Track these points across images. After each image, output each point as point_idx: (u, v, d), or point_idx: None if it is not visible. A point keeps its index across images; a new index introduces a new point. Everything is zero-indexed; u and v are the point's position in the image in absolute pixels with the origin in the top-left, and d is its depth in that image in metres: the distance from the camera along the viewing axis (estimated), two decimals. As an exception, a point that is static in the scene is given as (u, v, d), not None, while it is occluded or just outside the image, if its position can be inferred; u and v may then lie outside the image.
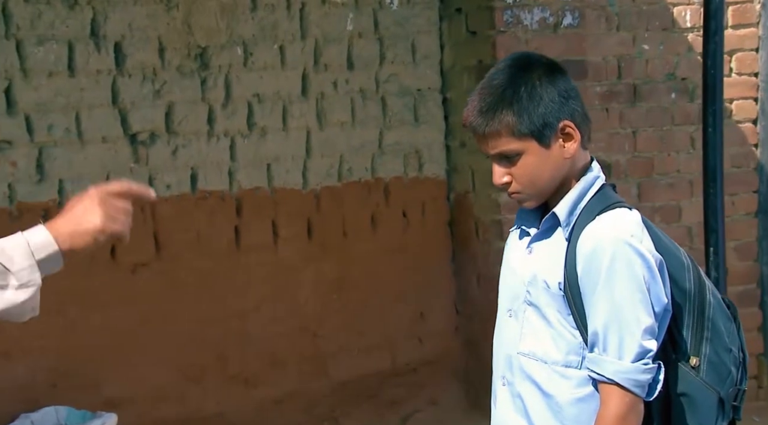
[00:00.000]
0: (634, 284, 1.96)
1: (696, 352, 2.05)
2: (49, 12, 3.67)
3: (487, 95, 2.03)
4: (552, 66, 2.08)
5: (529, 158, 2.02)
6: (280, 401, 4.23)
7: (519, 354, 2.11)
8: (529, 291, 2.09)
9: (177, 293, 3.95)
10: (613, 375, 1.96)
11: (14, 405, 3.62)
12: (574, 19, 4.84)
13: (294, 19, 4.23)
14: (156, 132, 3.91)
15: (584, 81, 4.86)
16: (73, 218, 1.80)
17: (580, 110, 2.06)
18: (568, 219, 2.05)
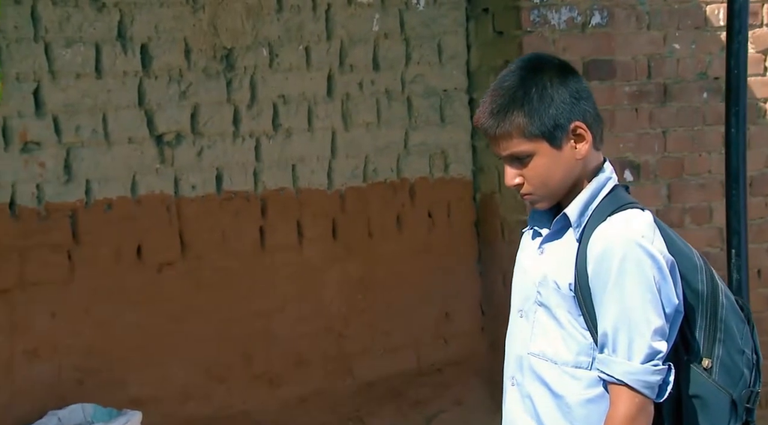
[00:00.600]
0: (645, 285, 1.96)
1: (708, 354, 2.05)
2: (77, 15, 3.72)
3: (498, 97, 2.05)
4: (564, 67, 2.09)
5: (541, 160, 2.03)
6: (304, 400, 4.26)
7: (529, 354, 2.12)
8: (539, 292, 2.10)
9: (202, 293, 3.99)
10: (622, 376, 1.96)
11: (42, 402, 3.68)
12: (603, 19, 4.82)
13: (319, 20, 4.25)
14: (182, 133, 3.95)
15: (613, 81, 4.84)
16: None
17: (591, 110, 2.07)
18: (579, 220, 2.06)
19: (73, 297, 3.73)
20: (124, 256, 3.83)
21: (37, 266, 3.66)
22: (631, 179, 4.91)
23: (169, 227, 3.91)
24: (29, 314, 3.67)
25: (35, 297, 3.67)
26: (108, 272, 3.79)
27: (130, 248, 3.85)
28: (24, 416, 3.65)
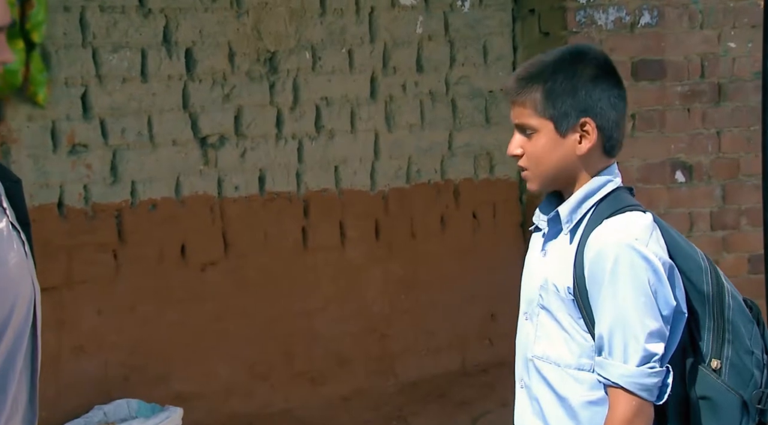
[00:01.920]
0: (638, 288, 1.95)
1: (717, 355, 2.03)
2: (124, 21, 3.82)
3: (531, 67, 2.06)
4: (605, 68, 2.07)
5: (542, 139, 2.03)
6: (347, 399, 4.30)
7: (533, 357, 2.12)
8: (541, 295, 2.10)
9: (245, 292, 4.06)
10: (618, 379, 1.96)
11: (89, 397, 3.78)
12: (653, 18, 4.77)
13: (363, 23, 4.29)
14: (225, 135, 4.03)
15: (663, 81, 4.79)
16: None
17: (612, 116, 2.04)
18: (569, 217, 2.05)
19: (118, 295, 3.83)
20: (168, 255, 3.92)
21: (83, 265, 3.77)
22: (682, 180, 4.85)
23: (212, 227, 3.99)
24: (76, 312, 3.77)
25: (82, 295, 3.78)
26: (152, 270, 3.88)
27: (174, 247, 3.94)
28: (71, 410, 3.75)
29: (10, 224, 2.09)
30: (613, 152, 2.08)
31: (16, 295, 2.08)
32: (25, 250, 2.13)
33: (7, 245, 2.07)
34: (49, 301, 3.69)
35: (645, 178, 4.77)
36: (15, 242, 2.08)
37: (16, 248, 2.08)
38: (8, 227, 2.08)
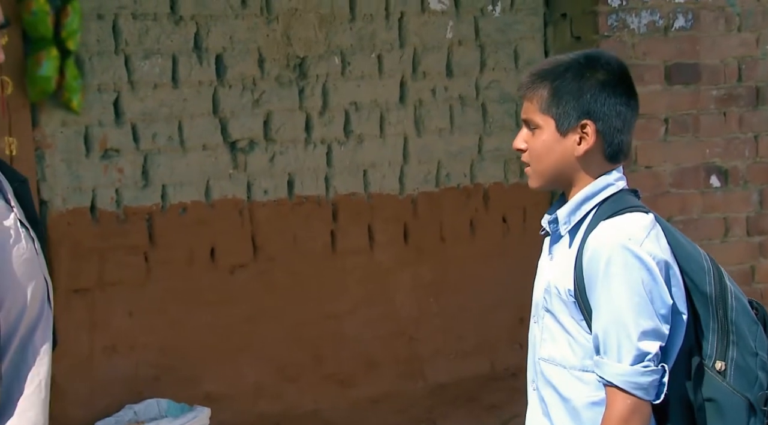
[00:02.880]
0: (632, 288, 1.97)
1: (722, 356, 2.04)
2: (156, 28, 3.90)
3: (545, 64, 2.11)
4: (616, 75, 2.09)
5: (543, 136, 2.07)
6: (375, 401, 4.34)
7: (540, 359, 2.15)
8: (545, 298, 2.13)
9: (274, 294, 4.12)
10: (612, 378, 1.98)
11: (120, 396, 3.86)
12: (687, 21, 4.75)
13: (392, 28, 4.33)
14: (254, 140, 4.09)
15: (698, 85, 4.76)
16: None
17: (616, 124, 2.06)
18: (566, 218, 2.09)
19: (149, 297, 3.91)
20: (198, 258, 3.99)
21: (115, 267, 3.85)
22: (718, 184, 4.82)
23: (241, 230, 4.05)
24: (108, 313, 3.85)
25: (114, 296, 3.86)
26: (182, 273, 3.95)
27: (204, 250, 4.01)
28: (103, 409, 3.84)
29: (19, 222, 2.16)
30: (615, 157, 2.10)
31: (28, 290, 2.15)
32: (35, 247, 2.20)
33: (15, 242, 2.14)
34: (81, 302, 3.80)
35: (678, 183, 4.75)
36: (24, 239, 2.16)
37: (25, 245, 2.15)
38: (16, 224, 2.15)
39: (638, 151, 4.66)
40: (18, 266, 2.13)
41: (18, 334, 2.14)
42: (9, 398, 2.11)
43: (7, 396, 2.10)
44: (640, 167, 4.67)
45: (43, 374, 2.21)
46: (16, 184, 2.30)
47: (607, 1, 4.59)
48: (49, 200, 3.75)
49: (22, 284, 2.14)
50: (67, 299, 3.77)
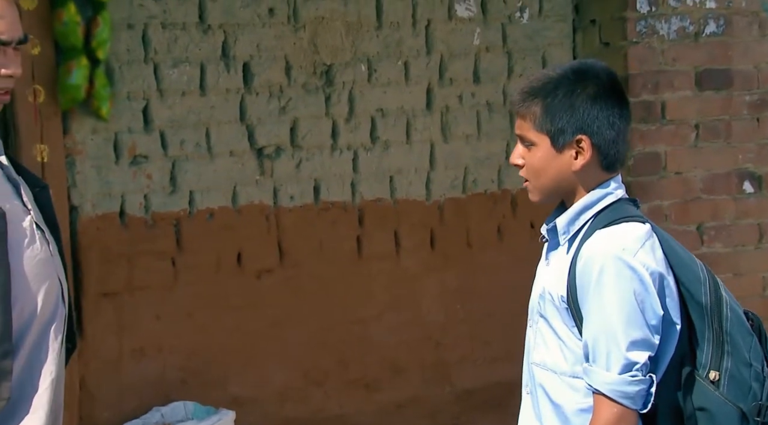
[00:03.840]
0: (623, 298, 1.99)
1: (716, 366, 2.05)
2: (184, 37, 3.97)
3: (535, 80, 2.14)
4: (607, 86, 2.12)
5: (539, 152, 2.11)
6: (401, 406, 4.36)
7: (533, 363, 2.19)
8: (539, 303, 2.17)
9: (300, 299, 4.16)
10: (600, 386, 2.01)
11: (148, 399, 3.92)
12: (719, 27, 4.72)
13: (419, 35, 4.36)
14: (281, 146, 4.14)
15: (730, 90, 4.73)
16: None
17: (610, 136, 2.09)
18: (565, 228, 2.12)
19: (176, 301, 3.97)
20: (225, 263, 4.04)
21: (143, 272, 3.92)
22: (751, 191, 4.78)
23: (267, 236, 4.10)
24: (136, 316, 3.92)
25: (142, 300, 3.93)
26: (209, 278, 4.01)
27: (231, 255, 4.06)
28: (131, 411, 3.91)
29: (35, 224, 2.23)
30: (612, 167, 2.13)
31: (42, 290, 2.22)
32: (50, 249, 2.27)
33: (30, 243, 2.22)
34: (110, 306, 3.88)
35: (709, 189, 4.72)
36: (39, 241, 2.23)
37: (40, 247, 2.23)
38: (32, 226, 2.23)
39: (668, 157, 4.65)
40: (32, 267, 2.21)
41: (31, 332, 2.21)
42: (22, 395, 2.18)
43: (20, 392, 2.17)
44: (669, 173, 4.65)
45: (56, 372, 2.27)
46: (37, 189, 2.38)
47: (636, 8, 4.58)
48: (79, 206, 3.83)
49: (36, 284, 2.21)
50: (97, 302, 3.85)
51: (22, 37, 2.23)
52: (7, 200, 2.20)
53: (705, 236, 4.71)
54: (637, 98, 4.58)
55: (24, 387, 2.19)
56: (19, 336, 2.18)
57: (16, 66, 2.23)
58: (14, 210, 2.20)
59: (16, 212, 2.21)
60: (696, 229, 4.69)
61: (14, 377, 2.13)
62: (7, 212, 2.15)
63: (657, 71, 4.61)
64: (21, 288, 2.17)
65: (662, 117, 4.64)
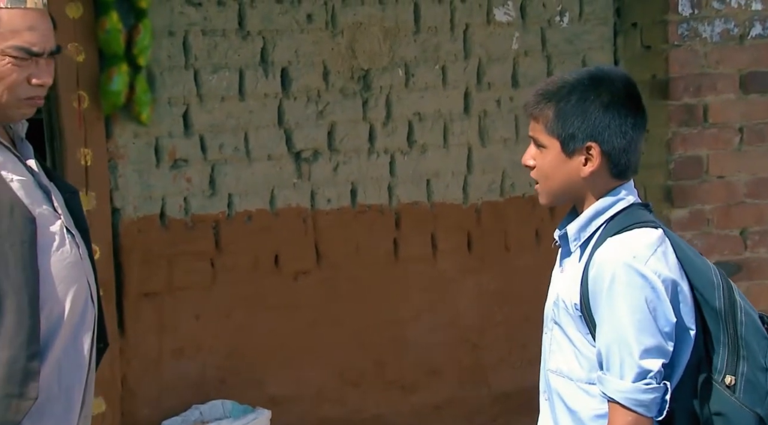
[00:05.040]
0: (635, 305, 1.99)
1: (732, 371, 2.04)
2: (224, 43, 4.06)
3: (551, 83, 2.16)
4: (622, 94, 2.12)
5: (549, 156, 2.13)
6: (438, 407, 4.39)
7: (549, 370, 2.19)
8: (554, 310, 2.18)
9: (337, 301, 4.22)
10: (614, 394, 2.01)
11: (187, 397, 4.01)
12: (765, 29, 4.67)
13: (457, 40, 4.38)
14: (318, 150, 4.20)
15: (777, 94, 4.67)
16: None
17: (621, 144, 2.09)
18: (576, 235, 2.13)
19: (215, 302, 4.06)
20: (263, 264, 4.12)
21: (183, 273, 4.01)
22: (798, 196, 4.71)
23: (304, 238, 4.17)
24: (176, 316, 4.02)
25: (181, 301, 4.02)
26: (247, 279, 4.09)
27: (268, 257, 4.14)
28: (171, 409, 4.00)
29: (64, 228, 2.31)
30: (622, 175, 2.13)
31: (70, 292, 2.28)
32: (80, 252, 2.34)
33: (59, 246, 2.29)
34: (151, 306, 3.97)
35: (754, 193, 4.66)
36: (68, 245, 2.30)
37: (69, 250, 2.29)
38: (62, 230, 2.30)
39: (710, 161, 4.60)
40: (60, 270, 2.27)
41: (60, 333, 2.28)
42: (50, 395, 2.24)
43: (48, 393, 2.23)
44: (712, 177, 4.60)
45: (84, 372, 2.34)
46: (67, 195, 2.46)
47: (678, 10, 4.54)
48: (121, 208, 3.93)
49: (65, 287, 2.28)
50: (138, 303, 3.95)
51: (54, 48, 2.30)
52: (38, 205, 2.26)
53: (749, 241, 4.65)
54: (678, 102, 4.55)
55: (52, 388, 2.24)
56: (48, 337, 2.22)
57: (48, 76, 2.30)
58: (44, 215, 2.26)
59: (46, 217, 2.27)
60: (739, 234, 4.63)
61: (42, 377, 2.18)
62: (37, 217, 2.21)
63: (699, 74, 4.56)
64: (50, 291, 2.23)
65: (704, 120, 4.59)
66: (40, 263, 2.21)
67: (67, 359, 2.29)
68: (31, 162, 2.36)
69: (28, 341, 2.15)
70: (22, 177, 2.27)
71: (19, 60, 2.21)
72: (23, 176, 2.28)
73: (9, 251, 2.16)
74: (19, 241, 2.18)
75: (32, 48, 2.21)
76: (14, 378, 2.13)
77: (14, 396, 2.14)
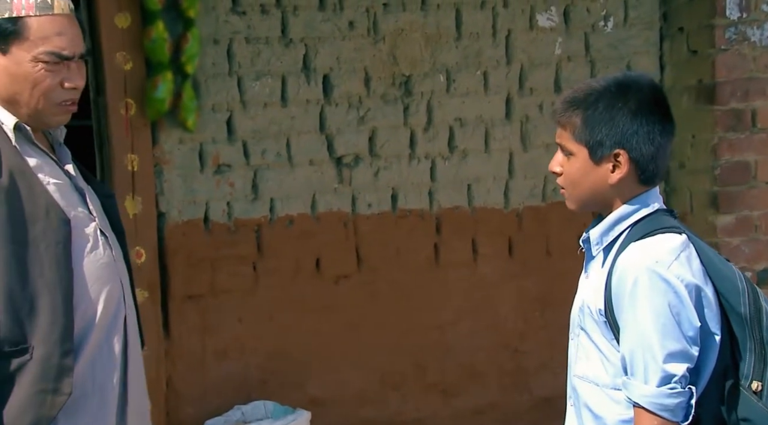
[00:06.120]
0: (658, 310, 2.00)
1: (759, 377, 2.04)
2: (267, 50, 4.13)
3: (579, 91, 2.17)
4: (649, 101, 2.12)
5: (577, 163, 2.14)
6: (479, 411, 4.40)
7: (575, 376, 2.21)
8: (579, 316, 2.19)
9: (377, 304, 4.26)
10: (638, 399, 2.01)
11: (229, 398, 4.09)
12: (816, 32, 4.59)
13: (499, 45, 4.40)
14: (359, 155, 4.25)
15: (833, 100, 4.59)
16: None
17: (649, 151, 2.10)
18: (599, 239, 2.14)
19: (257, 304, 4.13)
20: (304, 268, 4.18)
21: (226, 276, 4.09)
22: None
23: (345, 242, 4.22)
24: (219, 318, 4.10)
25: (224, 303, 4.10)
26: (289, 282, 4.15)
27: (310, 260, 4.20)
28: (214, 409, 4.08)
29: (98, 230, 2.38)
30: (649, 182, 2.13)
31: (104, 293, 2.35)
32: (113, 254, 2.41)
33: (93, 248, 2.36)
34: (195, 308, 4.06)
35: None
36: (102, 246, 2.37)
37: (102, 252, 2.36)
38: (96, 232, 2.37)
39: (758, 166, 4.55)
40: (94, 271, 2.34)
41: (93, 333, 2.34)
42: (84, 392, 2.31)
43: (83, 390, 2.30)
44: (760, 182, 4.55)
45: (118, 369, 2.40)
46: (103, 198, 2.53)
47: (726, 14, 4.50)
48: (166, 212, 4.03)
49: (98, 287, 2.35)
50: (182, 305, 4.04)
51: (83, 51, 2.37)
52: (73, 208, 2.32)
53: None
54: (725, 106, 4.51)
55: (86, 385, 2.30)
56: (82, 335, 2.29)
57: (80, 78, 2.38)
58: (79, 217, 2.32)
59: (81, 219, 2.33)
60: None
61: (76, 374, 2.23)
62: (72, 220, 2.28)
63: (747, 79, 4.51)
64: (83, 291, 2.29)
65: (753, 125, 4.54)
66: (75, 264, 2.27)
67: (100, 357, 2.35)
68: (68, 166, 2.42)
69: (61, 338, 2.22)
70: (58, 180, 2.33)
71: (51, 65, 2.28)
72: (60, 179, 2.34)
73: (44, 252, 2.22)
74: (54, 242, 2.24)
75: (62, 52, 2.28)
76: (48, 374, 2.20)
77: (48, 392, 2.20)
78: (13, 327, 2.18)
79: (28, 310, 2.19)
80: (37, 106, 2.30)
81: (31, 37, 2.25)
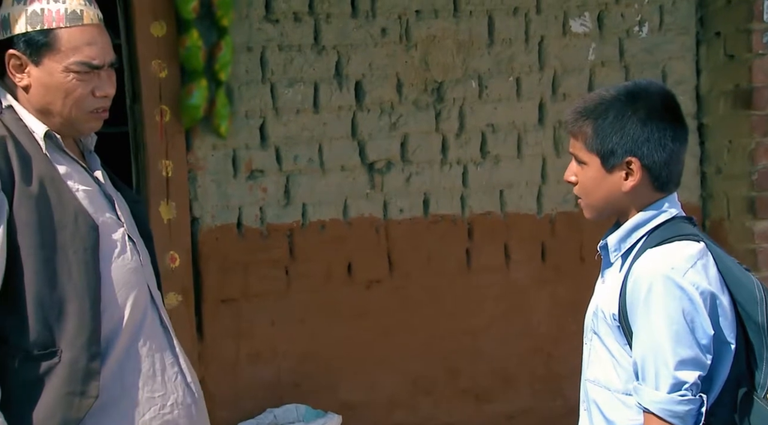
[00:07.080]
0: (671, 317, 2.00)
1: None
2: (299, 58, 4.17)
3: (589, 100, 2.19)
4: (660, 108, 2.14)
5: (590, 172, 2.16)
6: (512, 417, 4.40)
7: (587, 380, 2.22)
8: (593, 320, 2.20)
9: (409, 309, 4.28)
10: (649, 405, 2.02)
11: (262, 401, 4.13)
12: None
13: (532, 51, 4.40)
14: (391, 161, 4.28)
15: None
16: None
17: (662, 158, 2.11)
18: (616, 246, 2.15)
19: (289, 308, 4.17)
20: (336, 272, 4.21)
21: (258, 280, 4.14)
22: None
23: (377, 247, 4.25)
24: (252, 322, 4.14)
25: (257, 307, 4.14)
26: (321, 286, 4.19)
27: (341, 265, 4.23)
28: (247, 412, 4.12)
29: (126, 236, 2.42)
30: (664, 188, 2.14)
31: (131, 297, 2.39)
32: (141, 259, 2.45)
33: (120, 253, 2.40)
34: (228, 312, 4.11)
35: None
36: (130, 251, 2.41)
37: (130, 257, 2.40)
38: (124, 237, 2.41)
39: (791, 171, 4.51)
40: (121, 276, 2.38)
41: (120, 337, 2.38)
42: (112, 395, 2.35)
43: (110, 393, 2.34)
44: (799, 188, 4.50)
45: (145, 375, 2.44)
46: (132, 204, 2.58)
47: (763, 19, 4.46)
48: (200, 217, 4.08)
49: (125, 292, 2.39)
50: (215, 308, 4.09)
51: (113, 59, 2.43)
52: (102, 214, 2.36)
53: (837, 254, 4.53)
54: (762, 112, 4.47)
55: (114, 388, 2.33)
56: (109, 340, 2.33)
57: (111, 87, 2.43)
58: (107, 223, 2.36)
59: (109, 225, 2.37)
60: (827, 246, 4.51)
61: (104, 378, 2.27)
62: (100, 226, 2.32)
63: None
64: (111, 295, 2.33)
65: (790, 131, 4.50)
66: (102, 269, 2.31)
67: (128, 360, 2.39)
68: (97, 173, 2.47)
69: (89, 342, 2.26)
70: (87, 187, 2.38)
71: (82, 74, 2.33)
72: (89, 186, 2.39)
73: (72, 258, 2.27)
74: (82, 248, 2.28)
75: (93, 61, 2.34)
76: (76, 377, 2.24)
77: (76, 395, 2.24)
78: (42, 330, 2.22)
79: (57, 314, 2.23)
80: (70, 114, 2.35)
81: (62, 48, 2.31)
